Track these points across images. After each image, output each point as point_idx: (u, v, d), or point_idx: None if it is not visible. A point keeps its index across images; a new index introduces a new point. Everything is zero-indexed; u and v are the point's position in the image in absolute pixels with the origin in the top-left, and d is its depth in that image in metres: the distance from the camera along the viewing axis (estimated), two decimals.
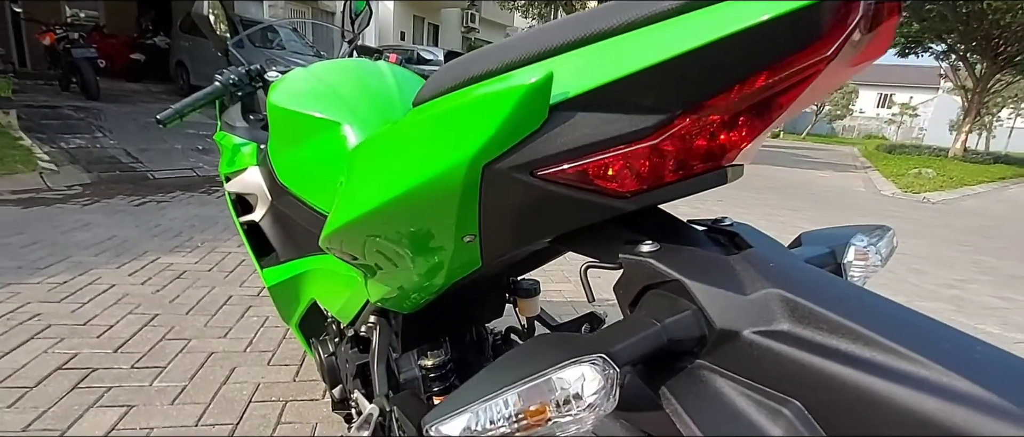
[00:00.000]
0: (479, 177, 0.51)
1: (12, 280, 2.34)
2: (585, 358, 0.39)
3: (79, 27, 7.43)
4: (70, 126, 5.45)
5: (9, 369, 1.70)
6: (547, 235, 0.57)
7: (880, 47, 0.43)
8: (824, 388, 0.37)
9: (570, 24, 0.49)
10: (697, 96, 0.42)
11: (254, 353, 1.92)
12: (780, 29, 0.37)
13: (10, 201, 3.63)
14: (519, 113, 0.46)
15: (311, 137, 1.00)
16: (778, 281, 0.42)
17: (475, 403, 0.40)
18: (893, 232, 0.71)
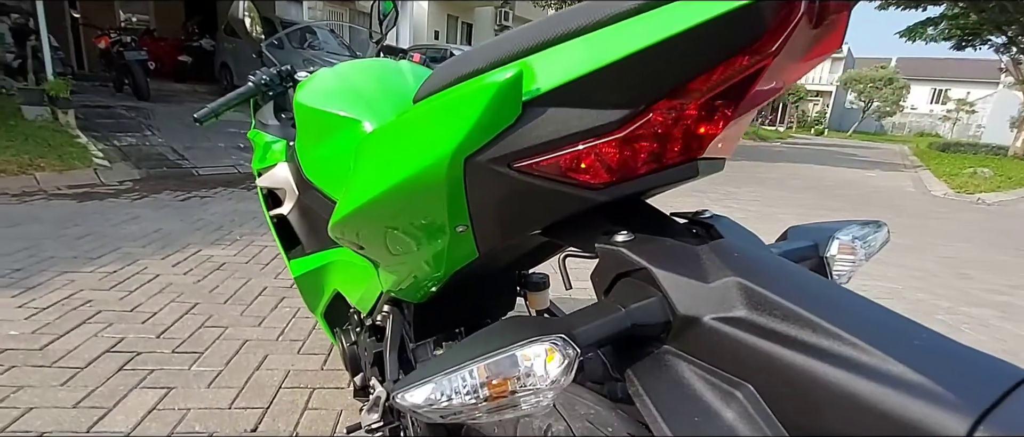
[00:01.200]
0: (462, 169, 0.54)
1: (67, 269, 2.50)
2: (545, 338, 0.42)
3: (131, 31, 7.85)
4: (122, 125, 5.76)
5: (63, 351, 1.83)
6: (531, 226, 0.59)
7: (834, 42, 0.45)
8: (774, 372, 0.38)
9: (546, 23, 0.51)
10: (657, 91, 0.44)
11: (285, 342, 2.00)
12: (727, 26, 0.40)
13: (67, 195, 3.87)
14: (493, 109, 0.48)
15: (333, 134, 1.04)
16: (738, 270, 0.44)
17: (439, 374, 0.43)
18: (887, 228, 0.71)
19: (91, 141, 5.01)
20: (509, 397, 0.42)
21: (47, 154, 4.36)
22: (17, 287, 2.27)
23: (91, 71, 9.11)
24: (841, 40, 0.45)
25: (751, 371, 0.40)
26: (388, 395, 0.85)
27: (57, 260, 2.60)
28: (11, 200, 3.64)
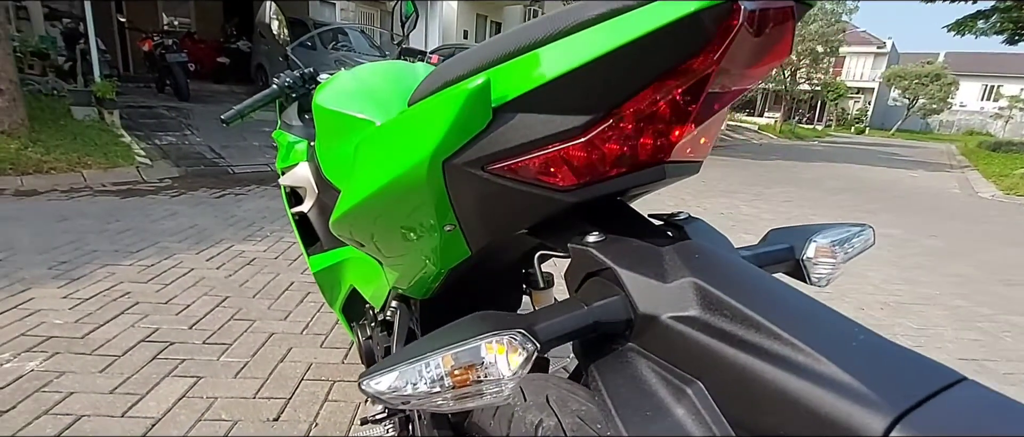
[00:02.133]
0: (441, 172, 0.56)
1: (108, 262, 2.64)
2: (506, 332, 0.44)
3: (173, 34, 8.17)
4: (163, 125, 6.01)
5: (103, 339, 1.93)
6: (513, 226, 0.61)
7: (782, 50, 0.46)
8: (722, 370, 0.39)
9: (514, 34, 0.53)
10: (616, 97, 0.47)
11: (309, 336, 2.07)
12: (673, 35, 0.42)
13: (111, 191, 4.07)
14: (464, 115, 0.51)
15: (349, 134, 1.07)
16: (696, 270, 0.46)
17: (404, 363, 0.45)
18: (871, 231, 0.70)
19: (134, 140, 5.25)
20: (472, 385, 0.44)
21: (94, 152, 4.59)
22: (63, 278, 2.40)
23: (135, 72, 9.52)
24: (789, 48, 0.46)
25: (702, 369, 0.41)
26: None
27: (100, 253, 2.74)
28: (61, 196, 3.84)
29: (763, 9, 0.41)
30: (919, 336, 2.55)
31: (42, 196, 3.80)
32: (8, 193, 3.78)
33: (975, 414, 0.31)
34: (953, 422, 0.30)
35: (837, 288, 3.15)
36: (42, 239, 2.89)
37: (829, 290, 3.08)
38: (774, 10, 0.42)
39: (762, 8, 0.41)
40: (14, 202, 3.60)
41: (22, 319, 2.02)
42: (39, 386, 1.64)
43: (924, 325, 2.69)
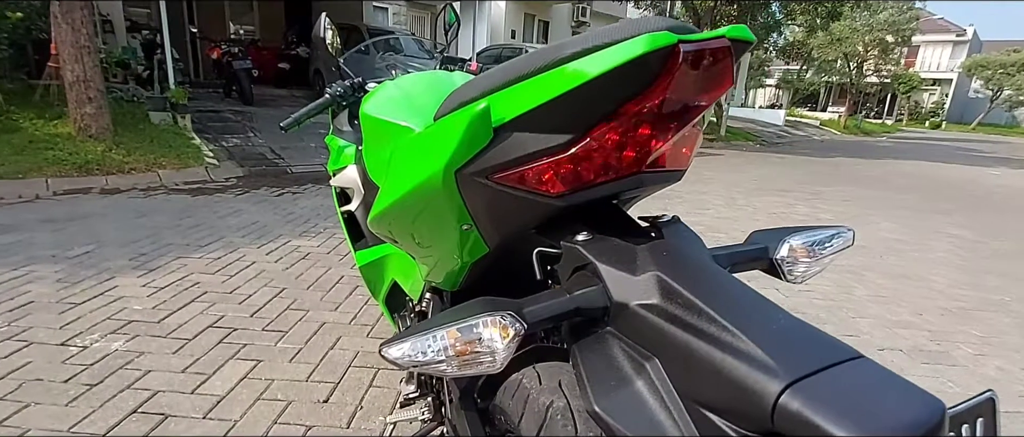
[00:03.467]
0: (454, 180, 0.66)
1: (181, 255, 2.88)
2: (499, 312, 0.53)
3: (239, 42, 8.69)
4: (229, 127, 6.43)
5: (176, 324, 2.13)
6: (519, 226, 0.70)
7: (724, 81, 0.55)
8: (673, 348, 0.47)
9: (512, 65, 0.63)
10: (590, 120, 0.57)
11: (357, 326, 2.19)
12: (628, 72, 0.51)
13: (184, 190, 4.41)
14: (469, 133, 0.61)
15: (391, 140, 1.16)
16: (660, 266, 0.54)
17: (415, 335, 0.54)
18: (851, 234, 0.74)
19: (203, 142, 5.65)
20: (471, 356, 0.53)
21: (168, 154, 4.98)
22: (142, 269, 2.65)
23: (205, 79, 10.19)
24: (730, 79, 0.55)
25: (658, 347, 0.49)
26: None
27: (173, 247, 3.00)
28: (140, 194, 4.21)
29: (699, 50, 0.51)
30: (982, 345, 2.41)
31: (124, 194, 4.18)
32: (95, 191, 4.17)
33: (859, 385, 0.38)
34: (836, 389, 0.37)
35: (895, 293, 3.01)
36: (124, 233, 3.19)
37: (885, 295, 2.94)
38: (710, 50, 0.52)
39: (698, 49, 0.51)
40: (100, 199, 3.98)
41: (108, 304, 2.25)
42: (122, 364, 1.83)
43: (988, 333, 2.53)
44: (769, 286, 2.90)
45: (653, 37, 0.50)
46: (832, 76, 26.76)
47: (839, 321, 2.56)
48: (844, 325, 2.52)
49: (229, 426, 1.56)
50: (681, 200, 5.33)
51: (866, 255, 3.77)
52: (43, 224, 3.28)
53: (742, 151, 11.83)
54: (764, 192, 6.24)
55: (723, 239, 3.92)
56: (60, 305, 2.22)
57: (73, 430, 1.50)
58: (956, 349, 2.35)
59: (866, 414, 0.35)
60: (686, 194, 5.69)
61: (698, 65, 0.52)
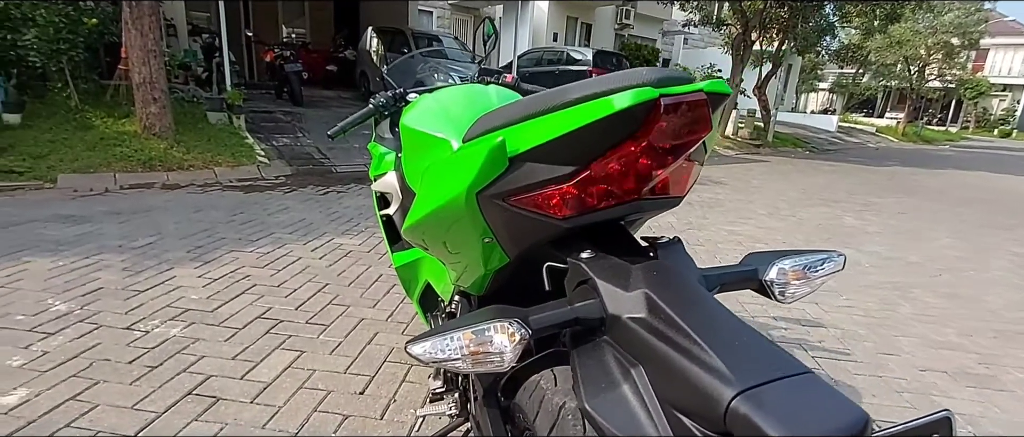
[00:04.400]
0: (475, 201, 0.74)
1: (234, 249, 3.06)
2: (507, 319, 0.60)
3: (291, 45, 9.07)
4: (280, 128, 6.73)
5: (228, 314, 2.28)
6: (533, 242, 0.77)
7: (704, 126, 0.64)
8: (655, 358, 0.55)
9: (529, 102, 0.72)
10: (591, 156, 0.65)
11: (393, 323, 2.29)
12: (620, 118, 0.61)
13: (237, 187, 4.67)
14: (488, 161, 0.69)
15: (428, 150, 1.23)
16: (649, 284, 0.62)
17: (436, 335, 0.62)
18: (842, 259, 0.77)
19: (256, 141, 5.95)
20: (483, 355, 0.61)
21: (223, 152, 5.27)
22: (198, 261, 2.84)
23: (258, 80, 10.68)
24: (708, 125, 0.64)
25: (643, 356, 0.56)
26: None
27: (227, 241, 3.19)
28: (197, 189, 4.48)
29: (676, 102, 0.60)
30: None
31: (182, 189, 4.46)
32: (157, 186, 4.47)
33: (800, 396, 0.45)
34: (779, 398, 0.43)
35: (943, 313, 2.89)
36: (182, 227, 3.41)
37: (932, 314, 2.83)
38: (688, 101, 0.61)
39: (676, 101, 0.60)
40: (161, 194, 4.26)
41: (167, 293, 2.43)
42: (179, 349, 1.98)
43: None
44: (809, 300, 2.84)
45: (638, 92, 0.59)
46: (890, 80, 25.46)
47: (879, 339, 2.49)
48: (884, 343, 2.44)
49: (274, 411, 1.67)
50: (722, 208, 5.24)
51: (917, 271, 3.62)
52: (111, 216, 3.55)
53: (790, 158, 11.45)
54: (811, 202, 6.05)
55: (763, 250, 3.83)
56: (125, 292, 2.41)
57: (136, 407, 1.64)
58: (1005, 374, 2.25)
59: (799, 420, 0.42)
60: (728, 202, 5.58)
61: (679, 114, 0.61)
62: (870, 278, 3.37)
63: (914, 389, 2.08)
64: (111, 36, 5.77)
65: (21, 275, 2.50)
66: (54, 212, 3.54)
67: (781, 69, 14.68)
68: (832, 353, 2.30)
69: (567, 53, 12.23)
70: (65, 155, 4.53)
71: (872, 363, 2.25)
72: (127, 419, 1.59)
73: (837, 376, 2.11)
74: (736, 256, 3.56)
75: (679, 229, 4.24)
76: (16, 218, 3.36)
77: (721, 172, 8.00)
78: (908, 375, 2.18)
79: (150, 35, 4.95)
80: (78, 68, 5.49)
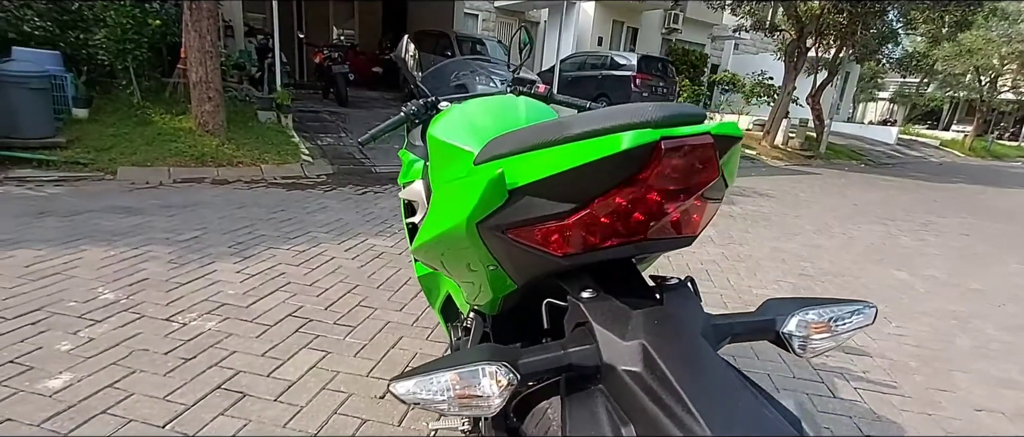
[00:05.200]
0: (476, 230, 0.71)
1: (272, 246, 3.16)
2: (495, 363, 0.57)
3: (339, 47, 9.35)
4: (325, 127, 6.93)
5: (261, 310, 2.34)
6: (535, 275, 0.74)
7: (710, 172, 0.60)
8: (644, 420, 0.51)
9: (536, 131, 0.69)
10: (590, 195, 0.62)
11: (418, 328, 2.30)
12: (621, 159, 0.57)
13: (281, 184, 4.82)
14: (487, 193, 0.66)
15: (454, 161, 1.22)
16: (648, 334, 0.58)
17: (419, 376, 0.59)
18: (873, 311, 0.68)
19: (302, 140, 6.14)
20: (469, 398, 0.58)
21: (270, 150, 5.46)
22: (237, 257, 2.94)
23: (308, 81, 11.05)
24: (714, 171, 0.60)
25: (634, 414, 0.53)
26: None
27: (266, 238, 3.29)
28: (243, 186, 4.65)
29: (678, 145, 0.57)
30: None
31: (230, 185, 4.64)
32: (207, 181, 4.67)
33: None
34: None
35: (1007, 347, 2.66)
36: (226, 222, 3.55)
37: (993, 348, 2.61)
38: (692, 145, 0.57)
39: (677, 144, 0.57)
40: (210, 189, 4.45)
41: (206, 287, 2.53)
42: (213, 343, 2.05)
43: None
44: None
45: (637, 134, 0.56)
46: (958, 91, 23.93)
47: (931, 372, 2.31)
48: (936, 378, 2.27)
49: (296, 411, 1.70)
50: (767, 223, 5.03)
51: (979, 300, 3.36)
52: (162, 209, 3.73)
53: (843, 171, 10.93)
54: (864, 219, 5.73)
55: (809, 270, 3.66)
56: (168, 284, 2.52)
57: (168, 398, 1.70)
58: None
59: None
60: (774, 216, 5.36)
61: (682, 157, 0.58)
62: (925, 305, 3.15)
63: (968, 430, 1.92)
64: (173, 36, 6.08)
65: (77, 263, 2.65)
66: (111, 203, 3.75)
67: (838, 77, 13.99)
68: (877, 385, 2.15)
69: (611, 58, 12.07)
70: (125, 149, 4.79)
71: (922, 399, 2.09)
72: (158, 410, 1.65)
73: (881, 411, 1.97)
74: (778, 276, 3.41)
75: (719, 243, 4.10)
76: (78, 207, 3.57)
77: (768, 184, 7.70)
78: (962, 415, 2.01)
79: (208, 37, 5.19)
80: (142, 66, 5.82)
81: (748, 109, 15.17)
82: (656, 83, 11.51)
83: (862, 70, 20.94)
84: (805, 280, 3.40)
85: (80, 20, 5.28)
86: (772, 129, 12.33)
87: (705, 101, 17.16)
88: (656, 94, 11.56)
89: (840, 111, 19.60)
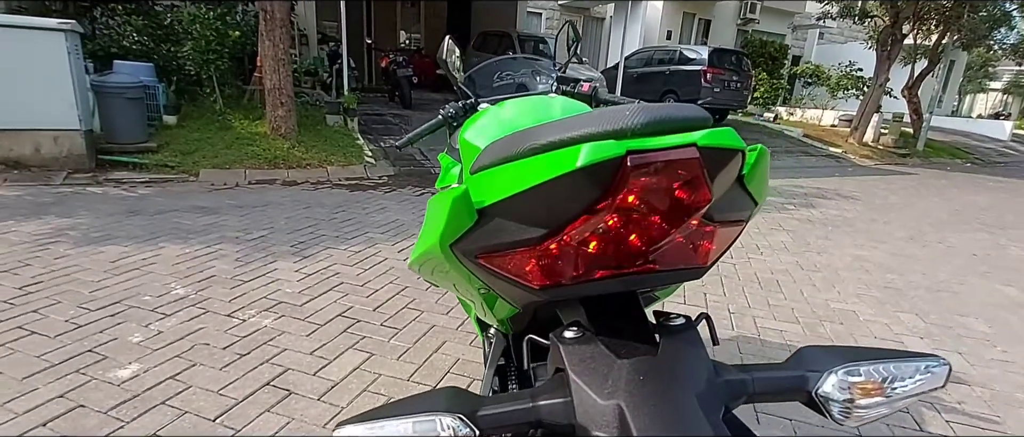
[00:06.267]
0: (452, 253, 0.62)
1: (330, 246, 3.26)
2: (447, 414, 0.50)
3: (405, 51, 9.62)
4: (388, 129, 7.13)
5: (313, 310, 2.41)
6: (524, 303, 0.66)
7: (701, 196, 0.49)
8: None
9: (508, 142, 0.59)
10: (561, 219, 0.52)
11: (462, 333, 2.27)
12: (587, 176, 0.48)
13: (344, 185, 5.00)
14: (454, 213, 0.57)
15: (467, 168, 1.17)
16: (628, 395, 0.49)
17: (367, 422, 0.52)
18: (944, 371, 0.51)
19: (366, 142, 6.35)
20: None
21: (336, 152, 5.69)
22: (297, 256, 3.06)
23: (375, 84, 11.45)
24: (704, 192, 0.49)
25: None
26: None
27: (326, 238, 3.41)
28: (310, 187, 4.87)
29: (647, 161, 0.46)
30: None
31: (298, 186, 4.87)
32: (278, 183, 4.93)
33: None
34: None
35: None
36: (291, 222, 3.71)
37: None
38: (665, 161, 0.46)
39: (646, 160, 0.46)
40: (280, 190, 4.69)
41: (267, 285, 2.64)
42: (266, 340, 2.13)
43: None
44: (953, 348, 2.37)
45: (596, 147, 0.46)
46: None
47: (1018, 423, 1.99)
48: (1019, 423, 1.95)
49: (337, 411, 1.72)
50: (850, 228, 4.61)
51: None
52: (235, 209, 3.96)
53: (945, 171, 9.86)
54: (966, 225, 5.12)
55: (896, 282, 3.29)
56: (233, 281, 2.66)
57: (221, 392, 1.78)
58: None
59: None
60: (859, 221, 4.91)
61: (656, 175, 0.47)
62: None
63: None
64: (252, 46, 6.49)
65: (155, 259, 2.86)
66: (192, 203, 4.04)
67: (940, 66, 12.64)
68: (974, 419, 1.88)
69: (680, 52, 11.58)
70: (208, 152, 5.16)
71: None
72: (211, 403, 1.72)
73: None
74: (860, 289, 3.10)
75: (793, 251, 3.79)
76: (162, 207, 3.87)
77: (853, 185, 7.08)
78: None
79: (281, 45, 5.49)
80: (224, 75, 6.26)
81: (834, 103, 14.06)
82: (729, 77, 10.91)
83: (970, 58, 18.85)
84: (891, 294, 3.05)
85: (171, 34, 5.75)
86: (861, 125, 11.35)
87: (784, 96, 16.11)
88: (728, 89, 10.97)
89: (942, 104, 17.76)
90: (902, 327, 2.62)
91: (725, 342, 2.33)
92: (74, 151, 4.53)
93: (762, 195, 0.61)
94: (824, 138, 11.30)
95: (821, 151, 10.34)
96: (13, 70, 4.16)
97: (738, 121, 12.43)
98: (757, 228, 4.34)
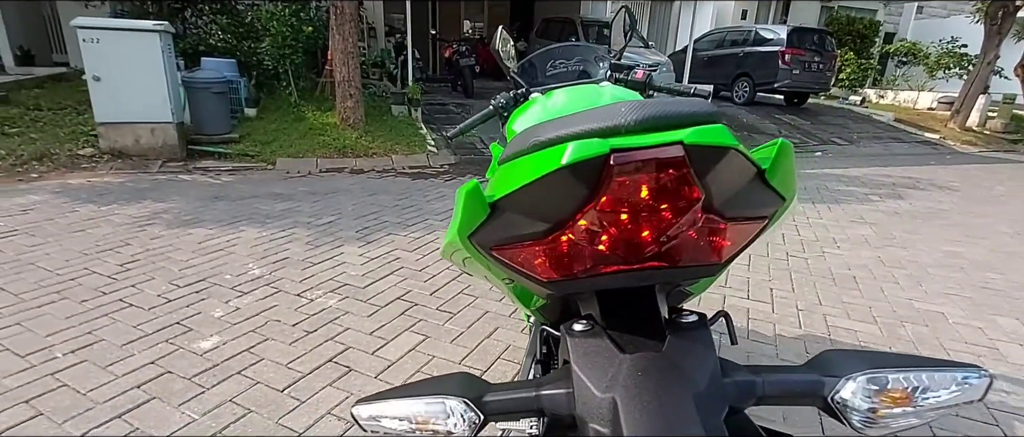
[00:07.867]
0: (470, 243, 0.63)
1: (392, 232, 3.39)
2: (455, 398, 0.52)
3: (468, 41, 9.71)
4: (450, 119, 7.26)
5: (375, 292, 2.53)
6: (546, 294, 0.66)
7: (691, 193, 0.49)
8: None
9: (525, 135, 0.59)
10: (563, 213, 0.53)
11: (514, 320, 2.30)
12: (567, 177, 0.49)
13: (407, 173, 5.16)
14: (468, 207, 0.58)
15: None
16: (624, 389, 0.50)
17: (383, 400, 0.56)
18: (983, 383, 0.45)
19: (429, 131, 6.51)
20: (430, 433, 0.55)
21: (401, 142, 5.88)
22: (361, 241, 3.20)
23: (439, 75, 11.67)
24: (693, 191, 0.49)
25: None
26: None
27: (388, 224, 3.55)
28: (376, 175, 5.06)
29: (629, 160, 0.47)
30: None
31: (365, 175, 5.08)
32: (346, 171, 5.17)
33: None
34: None
35: None
36: (358, 208, 3.89)
37: None
38: (647, 159, 0.47)
39: (629, 159, 0.47)
40: (348, 178, 4.91)
41: (333, 268, 2.79)
42: (331, 319, 2.25)
43: None
44: (1016, 340, 2.13)
45: (580, 145, 0.47)
46: None
47: None
48: None
49: None
50: (944, 221, 4.21)
51: None
52: (308, 196, 4.20)
53: None
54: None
55: (995, 282, 2.98)
56: (304, 263, 2.83)
57: (289, 365, 1.91)
58: None
59: None
60: (955, 214, 4.46)
61: (634, 174, 0.47)
62: None
63: None
64: (324, 40, 6.81)
65: (236, 241, 3.10)
66: (269, 190, 4.32)
67: None
68: None
69: (756, 32, 10.90)
70: (284, 142, 5.49)
71: None
72: (280, 375, 1.86)
73: None
74: (951, 288, 2.84)
75: (875, 245, 3.51)
76: (243, 193, 4.17)
77: (951, 174, 6.43)
78: None
79: (350, 39, 5.72)
80: (298, 69, 6.61)
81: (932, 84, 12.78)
82: (810, 58, 10.18)
83: None
84: (989, 295, 2.76)
85: (251, 31, 6.14)
86: (964, 107, 10.24)
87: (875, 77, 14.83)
88: (809, 71, 10.25)
89: None
90: (999, 332, 2.37)
91: (789, 342, 2.21)
92: (168, 142, 4.96)
93: (789, 190, 0.57)
94: (919, 122, 10.31)
95: (914, 137, 9.45)
96: (117, 69, 4.60)
97: (820, 105, 11.60)
98: (834, 221, 4.06)
